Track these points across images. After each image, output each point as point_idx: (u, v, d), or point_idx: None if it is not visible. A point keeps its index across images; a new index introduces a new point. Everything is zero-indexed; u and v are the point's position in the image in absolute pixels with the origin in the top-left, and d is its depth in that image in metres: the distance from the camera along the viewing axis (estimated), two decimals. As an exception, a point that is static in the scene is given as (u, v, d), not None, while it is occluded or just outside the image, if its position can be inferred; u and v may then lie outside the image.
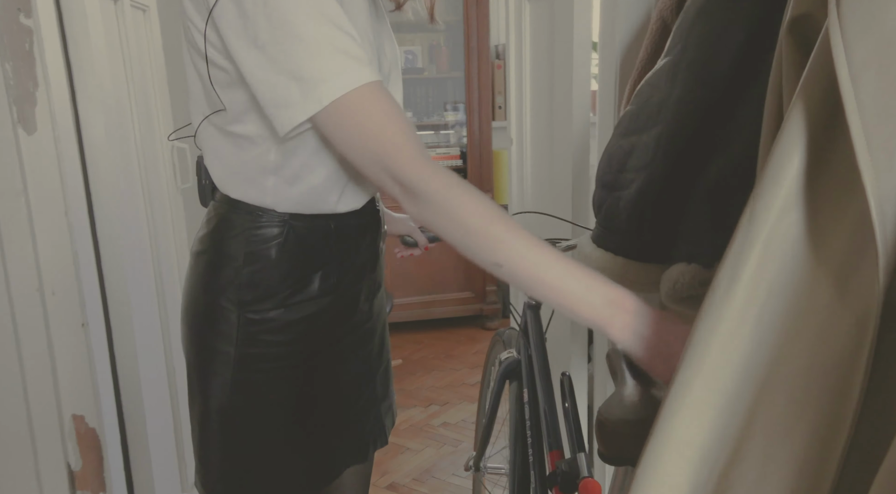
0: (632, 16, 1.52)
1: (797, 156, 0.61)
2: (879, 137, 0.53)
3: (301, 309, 1.00)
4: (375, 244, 1.09)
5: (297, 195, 0.96)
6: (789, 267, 0.60)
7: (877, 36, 0.53)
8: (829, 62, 0.58)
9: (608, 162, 1.13)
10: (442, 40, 3.53)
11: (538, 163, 2.09)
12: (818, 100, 0.60)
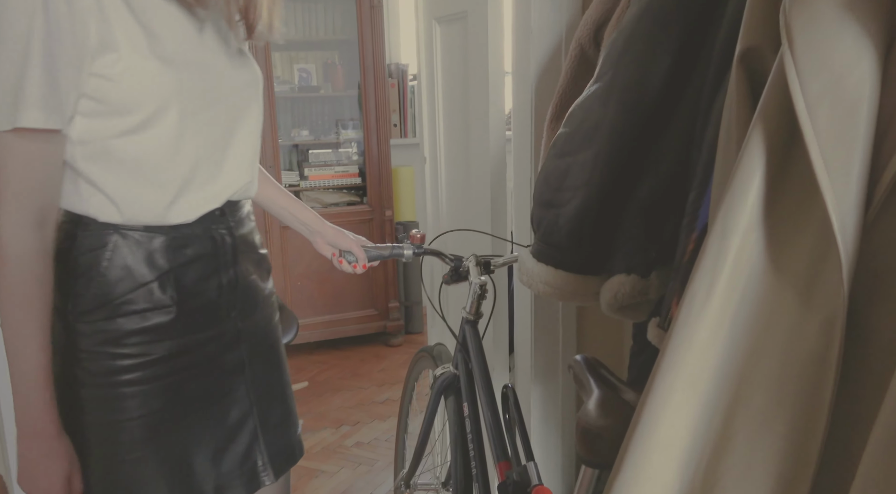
0: (545, 41, 1.60)
1: (758, 176, 0.68)
2: (836, 161, 0.61)
3: (136, 320, 1.00)
4: (221, 261, 1.09)
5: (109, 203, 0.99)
6: (758, 276, 0.67)
7: (828, 73, 0.62)
8: (784, 93, 0.65)
9: (545, 181, 1.19)
10: (337, 58, 3.51)
11: (453, 181, 2.14)
12: (775, 127, 0.68)
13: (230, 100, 1.04)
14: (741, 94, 0.78)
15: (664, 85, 1.06)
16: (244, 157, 1.08)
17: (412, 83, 3.77)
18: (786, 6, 0.65)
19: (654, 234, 1.09)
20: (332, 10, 3.40)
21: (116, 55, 0.90)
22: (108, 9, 0.89)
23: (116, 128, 0.94)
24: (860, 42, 0.61)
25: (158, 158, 0.97)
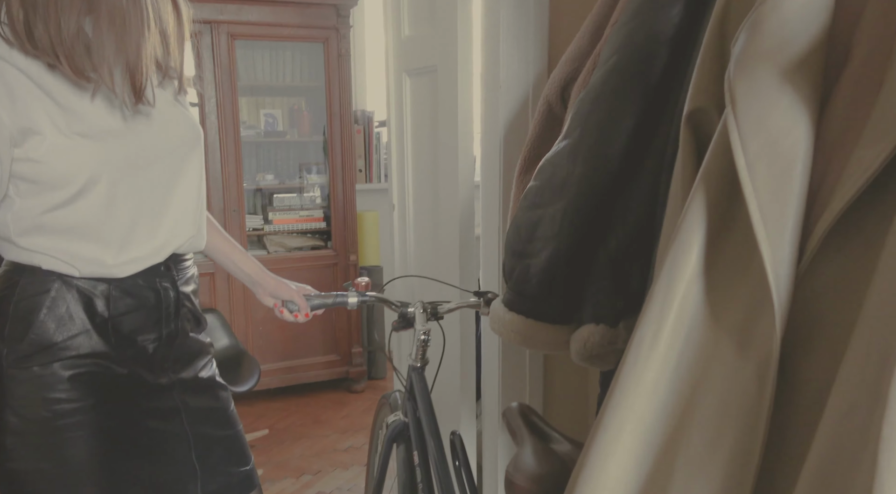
0: (512, 96, 1.66)
1: (701, 229, 0.72)
2: (772, 216, 0.66)
3: (72, 367, 1.01)
4: (163, 314, 1.10)
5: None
6: (700, 323, 0.71)
7: (766, 134, 0.67)
8: (727, 153, 0.70)
9: (516, 232, 1.22)
10: (303, 104, 3.55)
11: (421, 228, 2.17)
12: (717, 184, 0.73)
13: (163, 162, 1.06)
14: (687, 152, 0.83)
15: (629, 143, 1.11)
16: (186, 213, 1.11)
17: (378, 129, 3.82)
18: (730, 72, 0.70)
19: (623, 285, 1.13)
20: (300, 58, 3.45)
21: (40, 137, 0.93)
22: (23, 96, 0.92)
23: (48, 203, 0.97)
24: (795, 108, 0.66)
25: (92, 224, 1.00)
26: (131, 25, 0.95)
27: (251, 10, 3.09)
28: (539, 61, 1.65)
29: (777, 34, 0.66)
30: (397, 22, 2.12)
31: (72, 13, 0.91)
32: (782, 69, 0.66)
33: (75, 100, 0.97)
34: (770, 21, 0.66)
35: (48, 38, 0.91)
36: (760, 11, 0.67)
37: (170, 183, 1.08)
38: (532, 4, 1.63)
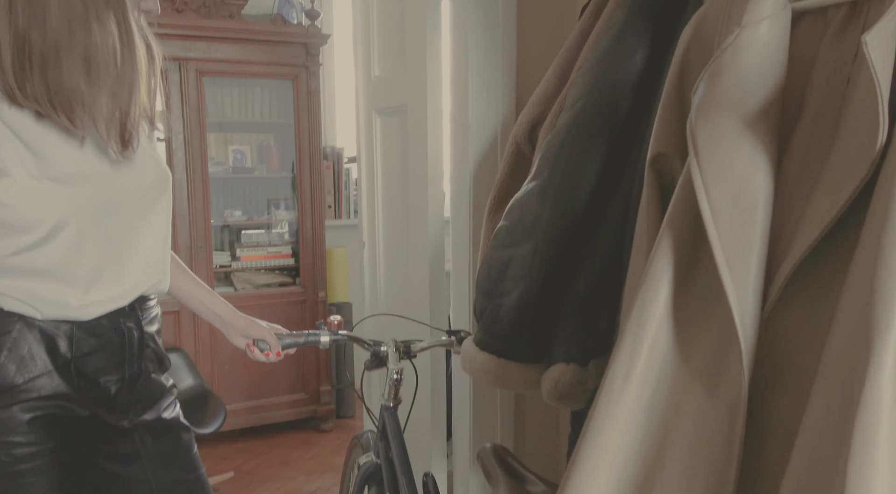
0: (481, 136, 1.69)
1: (669, 272, 0.74)
2: (736, 259, 0.68)
3: (33, 409, 0.99)
4: (127, 355, 1.09)
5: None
6: (670, 364, 0.73)
7: (728, 180, 0.69)
8: (691, 198, 0.72)
9: (487, 271, 1.23)
10: (272, 141, 3.55)
11: (392, 265, 2.17)
12: (683, 228, 0.75)
13: (131, 206, 1.06)
14: (651, 195, 0.85)
15: (596, 185, 1.13)
16: (151, 256, 1.11)
17: (347, 165, 3.83)
18: (692, 119, 0.73)
19: (592, 325, 1.14)
20: (270, 94, 3.46)
21: (10, 180, 0.93)
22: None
23: (16, 246, 0.97)
24: (756, 156, 0.69)
25: (59, 267, 1.00)
26: (125, 77, 0.96)
27: (220, 48, 3.10)
28: (507, 102, 1.69)
29: (736, 86, 0.69)
30: (367, 62, 2.14)
31: (72, 67, 0.92)
32: (742, 119, 0.69)
33: (46, 146, 0.96)
34: (728, 73, 0.69)
35: (45, 89, 0.92)
36: (719, 63, 0.70)
37: (138, 226, 1.07)
38: (500, 47, 1.67)
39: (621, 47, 1.13)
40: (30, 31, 0.90)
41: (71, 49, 0.92)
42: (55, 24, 0.91)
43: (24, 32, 0.90)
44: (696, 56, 0.82)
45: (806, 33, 0.74)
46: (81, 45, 0.92)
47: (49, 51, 0.91)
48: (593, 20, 1.38)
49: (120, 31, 0.95)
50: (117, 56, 0.95)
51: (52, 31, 0.91)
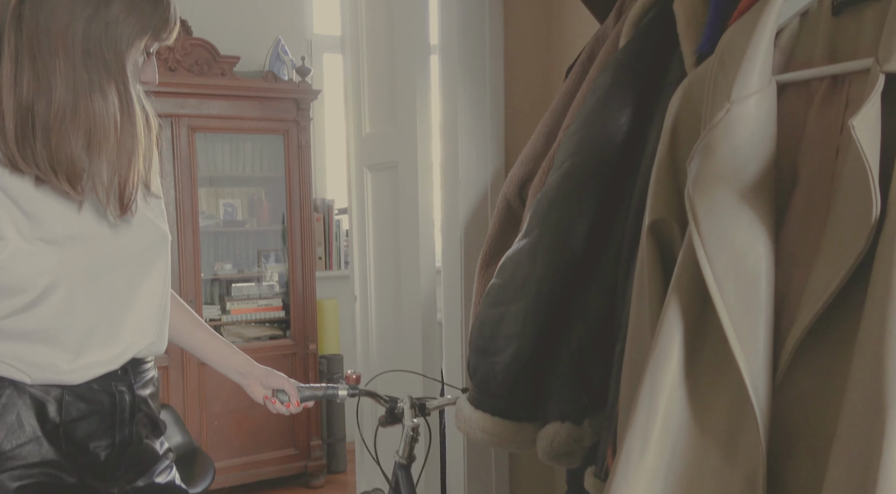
0: (471, 192, 1.72)
1: (678, 339, 0.75)
2: (744, 328, 0.69)
3: (21, 476, 0.98)
4: (117, 419, 1.08)
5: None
6: (686, 433, 0.73)
7: (730, 253, 0.71)
8: (695, 266, 0.74)
9: (480, 329, 1.23)
10: (263, 194, 3.57)
11: (384, 318, 2.17)
12: (688, 295, 0.76)
13: (125, 268, 1.06)
14: (652, 259, 0.87)
15: (586, 243, 1.15)
16: (147, 318, 1.10)
17: (338, 217, 3.85)
18: (689, 191, 0.75)
19: (585, 381, 1.14)
20: (260, 149, 3.50)
21: (3, 243, 0.94)
22: None
23: (6, 309, 0.97)
24: (755, 227, 0.71)
25: (49, 330, 0.99)
26: (125, 145, 0.98)
27: (212, 104, 3.15)
28: (496, 159, 1.72)
29: (730, 159, 0.72)
30: (358, 120, 2.18)
31: (75, 136, 0.94)
32: (739, 191, 0.71)
33: (40, 208, 0.97)
34: (722, 147, 0.72)
35: (47, 156, 0.94)
36: (712, 137, 0.73)
37: (131, 288, 1.07)
38: (488, 105, 1.71)
39: (607, 109, 1.17)
40: (35, 101, 0.93)
41: (74, 119, 0.94)
42: (60, 95, 0.93)
43: (29, 102, 0.93)
44: (685, 125, 0.85)
45: (792, 104, 0.77)
46: (84, 115, 0.94)
47: (53, 120, 0.93)
48: (578, 81, 1.42)
49: (121, 102, 0.97)
50: (118, 125, 0.97)
51: (58, 102, 0.93)
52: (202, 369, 3.19)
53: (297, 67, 3.30)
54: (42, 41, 0.92)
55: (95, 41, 0.94)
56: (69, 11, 0.92)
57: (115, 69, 0.96)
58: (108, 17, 0.94)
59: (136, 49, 0.98)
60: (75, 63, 0.93)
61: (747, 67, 0.75)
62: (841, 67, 0.74)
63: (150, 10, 0.97)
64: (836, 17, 0.76)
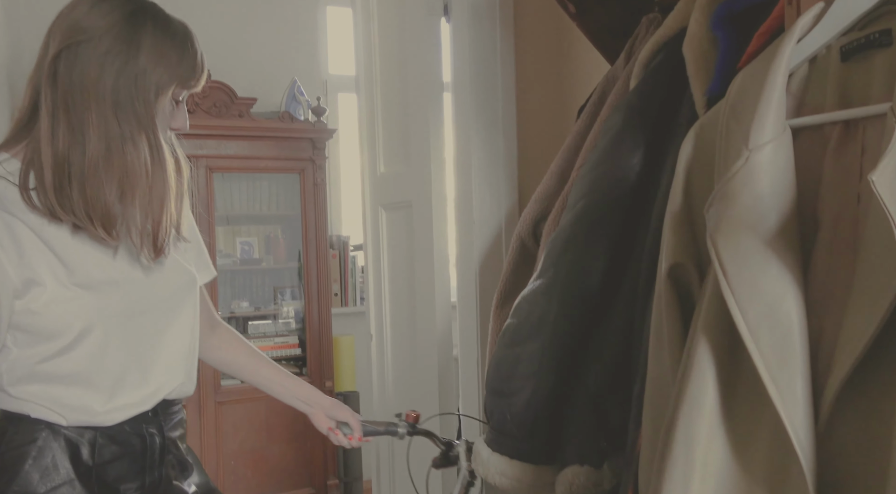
0: (486, 231, 1.73)
1: (711, 385, 0.74)
2: (782, 378, 0.69)
3: None
4: (148, 461, 1.09)
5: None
6: (727, 484, 0.72)
7: (761, 302, 0.71)
8: (723, 310, 0.73)
9: (496, 370, 1.23)
10: (279, 232, 3.61)
11: (399, 356, 2.17)
12: (717, 340, 0.75)
13: (156, 310, 1.09)
14: (670, 304, 0.87)
15: (601, 283, 1.15)
16: (177, 359, 1.12)
17: (353, 253, 3.88)
18: (712, 238, 0.75)
19: (604, 423, 1.13)
20: (277, 187, 3.55)
21: (41, 289, 0.97)
22: (29, 251, 0.97)
23: (43, 353, 0.99)
24: (784, 276, 0.71)
25: (83, 373, 1.01)
26: (156, 191, 1.01)
27: (230, 145, 3.21)
28: (510, 197, 1.73)
29: (752, 208, 0.72)
30: (373, 159, 2.21)
31: (110, 184, 0.98)
32: (764, 240, 0.72)
33: (76, 254, 1.00)
34: (744, 196, 0.72)
35: (83, 205, 0.97)
36: (732, 186, 0.73)
37: (162, 330, 1.09)
38: (501, 145, 1.73)
39: (618, 150, 1.18)
40: (70, 152, 0.97)
41: (108, 169, 0.97)
42: (94, 147, 0.97)
43: (65, 154, 0.97)
44: (698, 169, 0.86)
45: (806, 149, 0.78)
46: (117, 164, 0.98)
47: (88, 170, 0.97)
48: (590, 121, 1.44)
49: (151, 150, 1.00)
50: (149, 172, 1.00)
51: (91, 153, 0.97)
52: (218, 407, 3.19)
53: (313, 107, 3.36)
54: (75, 95, 0.96)
55: (125, 93, 0.97)
56: (99, 65, 0.96)
57: (145, 119, 0.99)
58: (136, 69, 0.97)
59: (165, 98, 1.01)
60: (107, 115, 0.97)
61: (762, 114, 0.75)
62: (854, 112, 0.74)
63: (177, 60, 1.01)
64: (845, 64, 0.76)
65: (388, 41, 2.13)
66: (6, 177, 0.98)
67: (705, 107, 1.11)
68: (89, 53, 0.96)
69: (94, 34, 0.96)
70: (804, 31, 0.79)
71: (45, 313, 0.97)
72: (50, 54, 0.97)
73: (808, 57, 0.80)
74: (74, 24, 0.97)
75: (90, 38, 0.96)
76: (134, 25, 0.98)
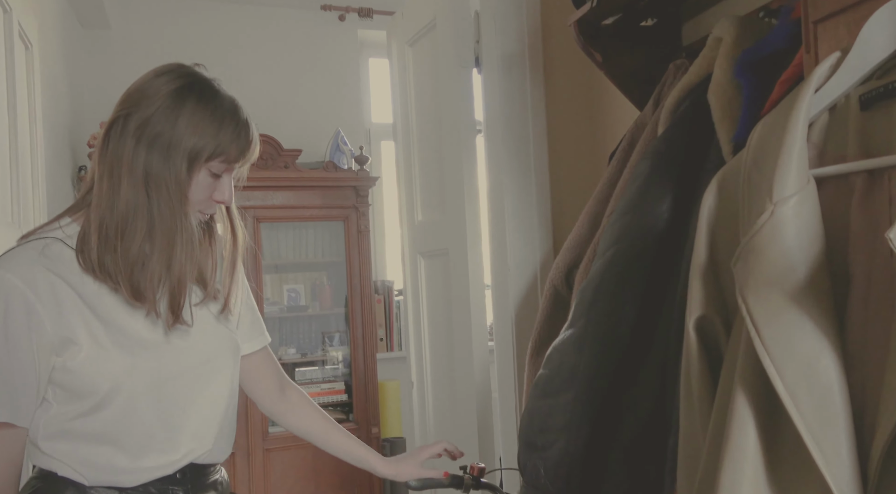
0: (521, 277, 1.72)
1: (751, 444, 0.72)
2: (825, 438, 0.66)
3: None
4: None
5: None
6: None
7: (798, 361, 0.69)
8: (758, 368, 0.71)
9: (529, 421, 1.22)
10: (325, 278, 3.67)
11: (440, 403, 2.16)
12: (755, 398, 0.73)
13: (188, 375, 1.09)
14: (697, 356, 0.85)
15: (633, 332, 1.14)
16: (206, 426, 1.11)
17: (398, 298, 3.90)
18: (742, 294, 0.73)
19: (639, 479, 1.10)
20: (322, 235, 3.63)
21: (78, 347, 1.00)
22: (68, 310, 1.00)
23: (75, 411, 1.02)
24: (819, 332, 0.69)
25: (110, 433, 1.03)
26: (176, 248, 1.03)
27: (276, 195, 3.30)
28: (544, 243, 1.73)
29: (780, 262, 0.71)
30: (411, 209, 2.25)
31: (134, 244, 1.01)
32: (796, 295, 0.70)
33: (114, 314, 1.03)
34: (771, 250, 0.71)
35: (114, 270, 1.01)
36: (758, 240, 0.72)
37: (192, 396, 1.10)
38: (534, 191, 1.74)
39: (647, 197, 1.17)
40: (107, 218, 1.01)
41: (133, 235, 1.01)
42: (121, 213, 1.01)
43: (104, 219, 1.01)
44: (722, 220, 0.85)
45: (832, 198, 0.76)
46: (140, 231, 1.01)
47: (115, 236, 1.01)
48: (620, 167, 1.44)
49: (175, 220, 1.02)
50: (172, 242, 1.02)
51: (118, 219, 1.01)
52: (266, 454, 3.22)
53: (356, 156, 3.44)
54: (114, 165, 1.01)
55: (157, 167, 1.00)
56: (137, 136, 1.00)
57: (175, 190, 1.01)
58: (171, 140, 1.00)
59: (200, 170, 1.02)
60: (137, 184, 1.00)
61: (784, 165, 0.74)
62: (880, 161, 0.72)
63: (214, 132, 1.01)
64: (866, 112, 0.75)
65: (423, 92, 2.19)
66: (64, 240, 1.03)
67: (732, 154, 1.10)
68: (133, 123, 1.00)
69: (142, 105, 1.00)
70: (822, 81, 0.78)
71: (79, 371, 1.00)
72: (107, 123, 1.03)
73: (827, 106, 0.79)
74: (129, 95, 1.03)
75: (139, 109, 1.00)
76: (179, 98, 1.01)
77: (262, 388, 1.31)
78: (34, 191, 1.99)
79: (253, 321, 1.27)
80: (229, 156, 1.03)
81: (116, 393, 1.02)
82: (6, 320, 0.97)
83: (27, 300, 0.97)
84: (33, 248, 1.01)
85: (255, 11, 3.63)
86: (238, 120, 1.04)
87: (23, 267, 0.99)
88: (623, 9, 1.42)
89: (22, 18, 1.87)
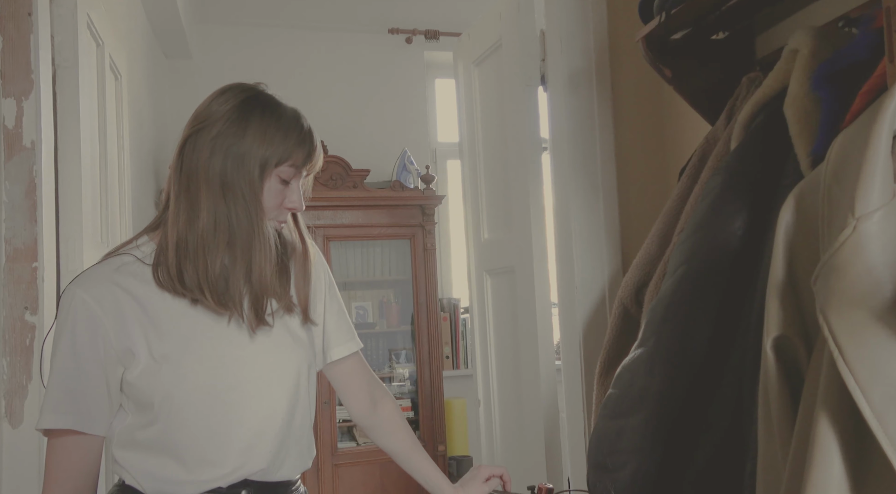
0: (588, 295, 1.70)
1: (837, 473, 0.69)
2: None
3: None
4: None
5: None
6: None
7: (885, 383, 0.65)
8: (843, 391, 0.68)
9: (598, 443, 1.20)
10: (392, 296, 3.72)
11: (506, 416, 2.15)
12: (840, 423, 0.70)
13: (242, 388, 1.08)
14: (777, 378, 0.82)
15: (706, 352, 1.10)
16: (259, 442, 1.09)
17: (464, 316, 3.91)
18: (824, 313, 0.70)
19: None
20: (389, 253, 3.68)
21: (136, 360, 1.04)
22: (130, 322, 1.04)
23: (140, 422, 1.05)
24: None
25: (167, 443, 1.05)
26: (255, 257, 1.07)
27: (345, 215, 3.38)
28: (612, 261, 1.71)
29: (864, 279, 0.68)
30: (477, 226, 2.26)
31: (216, 255, 1.06)
32: (881, 314, 0.67)
33: (191, 329, 1.07)
34: (855, 267, 0.69)
35: (196, 278, 1.05)
36: (841, 257, 0.70)
37: (242, 409, 1.08)
38: (602, 209, 1.72)
39: (719, 214, 1.14)
40: (188, 232, 1.06)
41: (215, 242, 1.05)
42: (203, 225, 1.05)
43: (184, 233, 1.06)
44: (800, 236, 0.82)
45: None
46: (222, 238, 1.05)
47: (198, 247, 1.05)
48: (691, 184, 1.41)
49: (252, 225, 1.06)
50: (251, 246, 1.06)
51: (201, 231, 1.05)
52: (335, 470, 3.26)
53: (422, 175, 3.49)
54: (191, 178, 1.06)
55: (231, 173, 1.04)
56: (210, 149, 1.05)
57: (250, 197, 1.05)
58: (241, 150, 1.04)
59: (270, 177, 1.07)
60: (215, 194, 1.05)
61: (867, 179, 0.71)
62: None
63: (281, 140, 1.06)
64: (953, 122, 0.72)
65: (489, 111, 2.20)
66: (138, 257, 1.08)
67: (810, 168, 1.06)
68: (204, 138, 1.05)
69: (211, 121, 1.06)
70: (906, 91, 0.75)
71: (137, 383, 1.04)
72: (179, 143, 1.09)
73: (912, 117, 0.75)
74: (198, 113, 1.09)
75: (208, 124, 1.06)
76: (244, 111, 1.06)
77: (351, 397, 1.32)
78: (121, 213, 2.11)
79: (338, 327, 1.27)
80: (297, 160, 1.08)
81: (168, 404, 1.04)
82: (74, 332, 1.02)
83: (93, 314, 1.02)
84: (108, 264, 1.07)
85: (327, 37, 3.75)
86: (301, 127, 1.09)
87: (92, 282, 1.05)
88: (693, 23, 1.40)
89: (113, 51, 2.00)
